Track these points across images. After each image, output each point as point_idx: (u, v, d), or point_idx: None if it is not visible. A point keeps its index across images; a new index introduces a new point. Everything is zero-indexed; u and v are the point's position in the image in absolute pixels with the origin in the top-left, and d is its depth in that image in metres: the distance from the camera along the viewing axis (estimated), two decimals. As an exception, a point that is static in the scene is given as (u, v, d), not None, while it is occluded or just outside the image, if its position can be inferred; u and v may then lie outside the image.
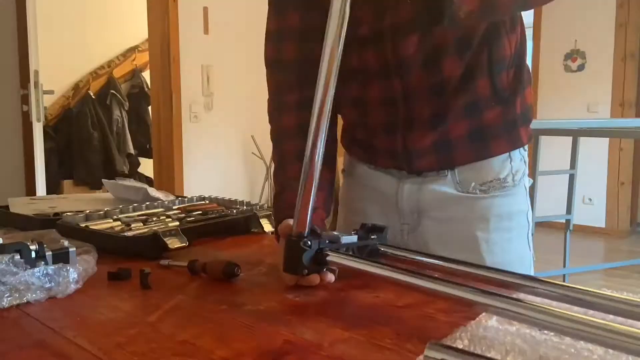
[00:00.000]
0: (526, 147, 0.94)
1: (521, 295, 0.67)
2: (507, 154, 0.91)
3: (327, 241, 0.75)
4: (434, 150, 0.91)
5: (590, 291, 0.62)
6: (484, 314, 0.63)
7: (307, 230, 0.73)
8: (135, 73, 5.18)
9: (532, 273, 0.95)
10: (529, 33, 5.47)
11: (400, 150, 0.93)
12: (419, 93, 0.88)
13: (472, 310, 0.64)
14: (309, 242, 0.73)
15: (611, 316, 0.59)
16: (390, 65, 0.87)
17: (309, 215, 0.73)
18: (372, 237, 0.81)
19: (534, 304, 0.54)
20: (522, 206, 0.94)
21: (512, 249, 0.93)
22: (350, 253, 0.78)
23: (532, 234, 0.96)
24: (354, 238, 0.79)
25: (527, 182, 0.94)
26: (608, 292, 0.61)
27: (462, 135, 0.89)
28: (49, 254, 0.78)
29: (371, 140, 0.98)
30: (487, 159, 0.90)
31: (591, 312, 0.61)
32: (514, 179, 0.92)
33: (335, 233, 0.77)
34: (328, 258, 0.73)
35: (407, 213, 0.96)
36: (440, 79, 0.87)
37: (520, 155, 0.93)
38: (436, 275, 0.65)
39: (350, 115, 1.00)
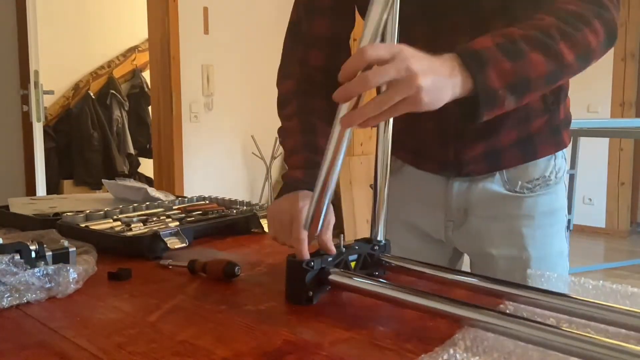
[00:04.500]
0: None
1: (518, 306, 0.67)
2: (552, 154, 0.97)
3: (329, 259, 0.73)
4: (484, 158, 0.95)
5: (587, 301, 0.62)
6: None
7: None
8: (135, 73, 5.18)
9: (568, 264, 1.01)
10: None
11: (451, 160, 0.95)
12: None
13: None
14: (312, 263, 0.71)
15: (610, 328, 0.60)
16: None
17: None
18: (375, 247, 0.81)
19: (530, 322, 0.54)
20: (562, 203, 0.99)
21: (554, 243, 0.98)
22: (354, 270, 0.77)
23: (569, 229, 1.00)
24: (356, 251, 0.78)
25: (567, 178, 1.01)
26: (605, 304, 0.61)
27: (511, 143, 0.94)
28: (49, 254, 0.78)
29: (420, 148, 1.00)
30: (533, 160, 0.95)
31: (593, 324, 0.61)
32: (556, 176, 0.97)
33: (337, 247, 0.76)
34: (331, 277, 0.71)
35: (454, 210, 0.99)
36: None
37: (562, 154, 0.99)
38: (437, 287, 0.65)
39: (398, 122, 1.00)
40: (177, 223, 1.08)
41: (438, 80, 0.64)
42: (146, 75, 4.75)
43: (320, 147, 0.87)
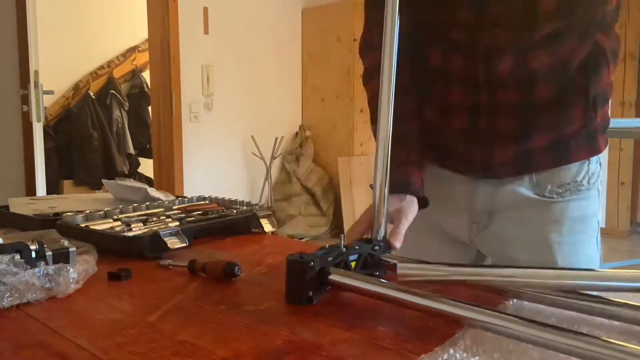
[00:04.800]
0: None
1: (519, 303, 0.67)
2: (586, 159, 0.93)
3: (329, 259, 0.73)
4: (514, 160, 0.91)
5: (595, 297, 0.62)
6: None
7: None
8: (135, 73, 5.18)
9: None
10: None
11: (479, 161, 0.92)
12: (506, 109, 0.87)
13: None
14: (312, 263, 0.70)
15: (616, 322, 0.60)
16: (480, 78, 0.86)
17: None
18: (376, 248, 0.81)
19: (530, 322, 0.54)
20: (595, 209, 0.95)
21: (583, 250, 0.94)
22: (354, 270, 0.76)
23: (599, 235, 0.97)
24: (357, 252, 0.78)
25: (600, 184, 0.95)
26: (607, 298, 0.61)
27: (544, 147, 0.90)
28: (49, 254, 0.78)
29: (448, 146, 0.96)
30: (566, 165, 0.92)
31: (597, 319, 0.62)
32: (589, 181, 0.93)
33: (337, 247, 0.76)
34: (331, 277, 0.71)
35: (480, 212, 0.96)
36: (532, 100, 0.86)
37: (597, 159, 0.94)
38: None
39: (430, 115, 0.95)
40: (177, 223, 1.08)
41: None
42: (146, 75, 4.75)
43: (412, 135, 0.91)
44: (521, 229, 0.93)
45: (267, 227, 1.15)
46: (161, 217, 1.13)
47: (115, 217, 1.13)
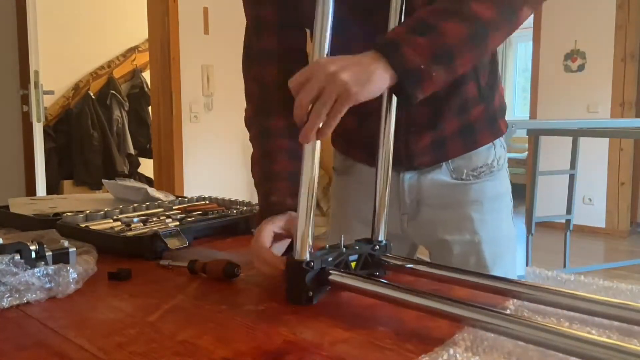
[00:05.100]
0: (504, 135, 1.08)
1: (518, 303, 0.67)
2: (491, 142, 1.03)
3: (329, 259, 0.73)
4: (431, 149, 0.99)
5: (587, 297, 0.62)
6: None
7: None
8: (135, 73, 5.18)
9: (515, 247, 1.07)
10: (528, 34, 5.47)
11: (402, 152, 0.97)
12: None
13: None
14: (312, 263, 0.70)
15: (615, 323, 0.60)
16: None
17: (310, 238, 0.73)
18: (376, 248, 0.81)
19: (530, 322, 0.54)
20: (507, 188, 1.06)
21: (502, 227, 1.04)
22: (353, 271, 0.77)
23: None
24: (357, 252, 0.78)
25: (507, 166, 1.08)
26: (604, 298, 0.62)
27: (455, 132, 0.99)
28: (49, 254, 0.78)
29: (370, 144, 0.99)
30: (475, 150, 1.01)
31: (597, 319, 0.62)
32: (498, 163, 1.03)
33: (337, 248, 0.76)
34: (331, 277, 0.71)
35: (407, 203, 1.03)
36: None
37: (500, 143, 1.06)
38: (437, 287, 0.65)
39: (347, 121, 1.00)
40: (177, 223, 1.08)
41: (360, 71, 0.68)
42: (146, 75, 4.75)
43: (275, 172, 0.92)
44: (446, 212, 1.02)
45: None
46: (161, 217, 1.13)
47: (115, 217, 1.13)
